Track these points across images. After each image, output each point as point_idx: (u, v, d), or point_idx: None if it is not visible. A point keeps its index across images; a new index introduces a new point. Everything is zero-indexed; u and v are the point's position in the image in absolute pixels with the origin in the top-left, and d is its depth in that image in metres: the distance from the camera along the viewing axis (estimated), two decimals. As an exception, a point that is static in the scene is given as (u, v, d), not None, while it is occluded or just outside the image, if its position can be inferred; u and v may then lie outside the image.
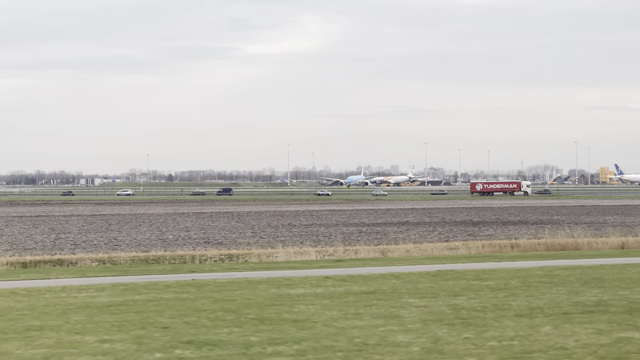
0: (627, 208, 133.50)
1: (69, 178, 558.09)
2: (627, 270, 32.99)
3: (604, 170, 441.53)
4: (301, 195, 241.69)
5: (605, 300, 22.95)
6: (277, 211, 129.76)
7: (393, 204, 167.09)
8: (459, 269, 33.27)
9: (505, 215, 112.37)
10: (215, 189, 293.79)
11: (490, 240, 57.37)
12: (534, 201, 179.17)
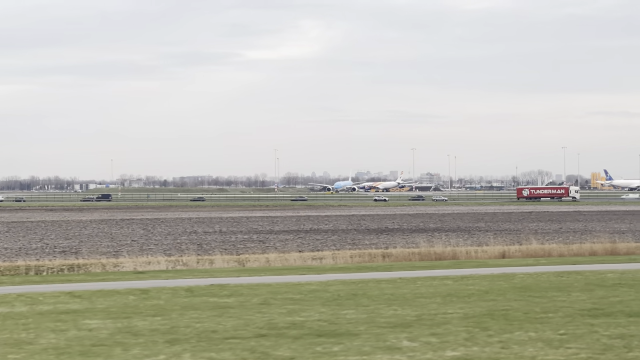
0: (571, 214, 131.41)
1: (63, 184, 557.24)
2: (418, 282, 30.74)
3: (596, 176, 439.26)
4: (278, 201, 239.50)
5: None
6: (215, 218, 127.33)
7: (350, 210, 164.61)
8: (272, 282, 31.27)
9: (430, 223, 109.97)
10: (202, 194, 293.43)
11: (365, 250, 54.93)
12: (505, 207, 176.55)
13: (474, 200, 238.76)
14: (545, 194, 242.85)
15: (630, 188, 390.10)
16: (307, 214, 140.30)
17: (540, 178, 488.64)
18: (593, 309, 23.77)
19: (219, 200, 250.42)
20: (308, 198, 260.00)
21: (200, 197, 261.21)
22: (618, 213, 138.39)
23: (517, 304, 24.68)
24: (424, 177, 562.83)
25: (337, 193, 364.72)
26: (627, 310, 23.24)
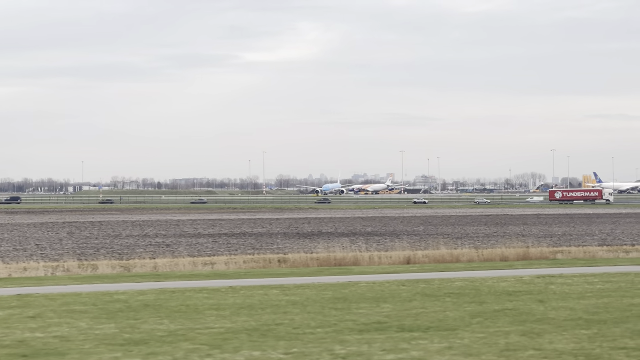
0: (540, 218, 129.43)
1: (56, 186, 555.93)
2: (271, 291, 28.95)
3: (587, 179, 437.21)
4: (250, 203, 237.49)
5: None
6: (159, 220, 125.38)
7: (311, 212, 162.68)
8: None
9: (373, 227, 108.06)
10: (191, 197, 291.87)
11: (264, 255, 53.13)
12: (473, 210, 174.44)
13: (448, 203, 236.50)
14: (578, 197, 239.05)
15: (619, 191, 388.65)
16: (260, 217, 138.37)
17: (532, 181, 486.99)
18: (376, 322, 22.03)
19: (185, 202, 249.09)
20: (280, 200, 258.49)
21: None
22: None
23: (297, 317, 22.90)
24: (419, 179, 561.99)
25: (326, 195, 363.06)
26: (407, 325, 21.48)
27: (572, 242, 73.84)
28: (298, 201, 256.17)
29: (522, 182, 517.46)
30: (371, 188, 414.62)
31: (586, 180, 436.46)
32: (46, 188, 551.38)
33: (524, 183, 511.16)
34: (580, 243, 71.43)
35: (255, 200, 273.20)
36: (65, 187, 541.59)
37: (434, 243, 70.90)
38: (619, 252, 59.53)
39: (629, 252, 59.42)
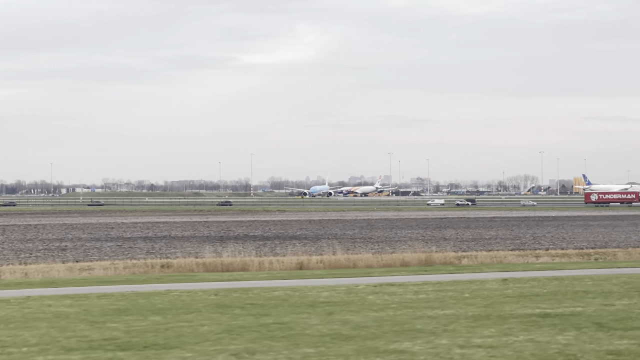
0: (495, 221, 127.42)
1: (50, 188, 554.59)
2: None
3: (578, 181, 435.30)
4: (211, 205, 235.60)
5: None
6: (108, 223, 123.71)
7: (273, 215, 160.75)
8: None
9: (314, 230, 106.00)
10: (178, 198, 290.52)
11: (146, 260, 51.30)
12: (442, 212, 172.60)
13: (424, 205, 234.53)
14: (614, 199, 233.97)
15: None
16: (210, 220, 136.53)
17: (523, 183, 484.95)
18: (107, 338, 20.26)
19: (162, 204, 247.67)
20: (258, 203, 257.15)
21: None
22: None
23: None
24: (414, 181, 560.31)
25: (314, 198, 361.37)
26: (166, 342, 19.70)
27: (504, 246, 71.93)
28: (275, 203, 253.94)
29: (515, 184, 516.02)
30: (360, 190, 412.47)
31: (576, 182, 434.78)
32: (39, 190, 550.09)
33: (516, 185, 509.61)
34: (502, 247, 69.42)
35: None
36: (58, 189, 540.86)
37: (354, 247, 69.17)
38: (530, 256, 57.72)
39: (539, 256, 57.62)
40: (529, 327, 22.02)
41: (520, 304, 26.36)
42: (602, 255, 59.41)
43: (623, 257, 59.53)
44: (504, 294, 29.11)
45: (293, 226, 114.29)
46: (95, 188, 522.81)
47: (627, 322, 22.59)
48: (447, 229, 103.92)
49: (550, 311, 24.87)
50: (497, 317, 23.84)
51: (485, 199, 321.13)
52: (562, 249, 65.87)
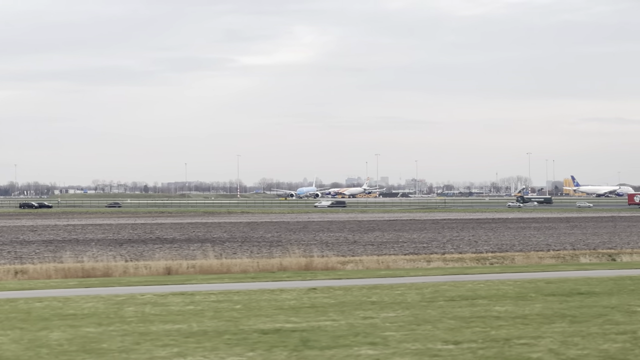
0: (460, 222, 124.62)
1: (43, 189, 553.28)
2: None
3: (568, 182, 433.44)
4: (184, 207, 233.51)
5: None
6: (48, 225, 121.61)
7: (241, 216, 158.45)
8: None
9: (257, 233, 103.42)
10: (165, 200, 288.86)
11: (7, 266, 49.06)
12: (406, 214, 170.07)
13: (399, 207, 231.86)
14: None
15: (597, 195, 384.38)
16: (163, 222, 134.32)
17: (515, 184, 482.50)
18: None
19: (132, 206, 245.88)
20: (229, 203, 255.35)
21: (117, 203, 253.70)
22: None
23: None
24: (409, 182, 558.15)
25: (300, 199, 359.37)
26: None
27: (414, 249, 69.61)
28: (247, 205, 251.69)
29: (508, 185, 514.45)
30: (348, 192, 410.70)
31: (566, 184, 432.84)
32: (32, 192, 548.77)
33: (508, 186, 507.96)
34: (410, 250, 67.09)
35: (194, 204, 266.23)
36: (51, 190, 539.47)
37: (260, 250, 66.98)
38: (422, 261, 55.41)
39: (431, 261, 55.33)
40: (231, 346, 19.87)
41: (271, 318, 24.12)
42: (499, 259, 57.25)
43: (520, 261, 57.35)
44: (276, 306, 26.91)
45: (222, 228, 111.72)
46: (87, 189, 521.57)
47: (339, 340, 20.38)
48: (375, 232, 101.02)
49: (288, 326, 22.66)
50: (215, 333, 21.68)
51: (455, 201, 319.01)
52: (461, 253, 63.43)
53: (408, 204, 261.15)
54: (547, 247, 72.10)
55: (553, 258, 58.85)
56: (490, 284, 33.30)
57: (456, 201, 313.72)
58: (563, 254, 60.39)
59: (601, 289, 30.98)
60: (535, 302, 27.29)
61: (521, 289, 31.13)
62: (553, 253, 61.78)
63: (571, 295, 29.28)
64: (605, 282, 33.24)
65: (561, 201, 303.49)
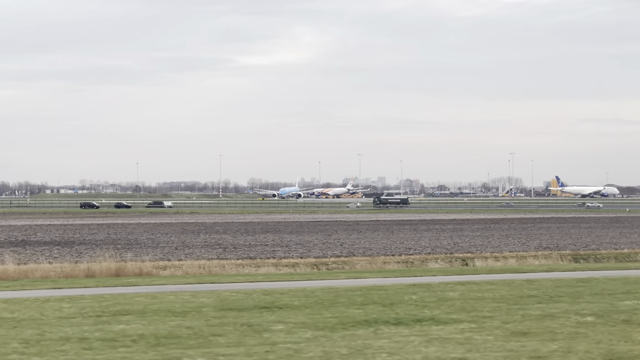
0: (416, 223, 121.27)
1: (34, 189, 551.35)
2: None
3: (554, 183, 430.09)
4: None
5: None
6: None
7: (188, 217, 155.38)
8: None
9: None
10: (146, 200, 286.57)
11: None
12: (352, 215, 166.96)
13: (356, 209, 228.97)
14: None
15: (582, 195, 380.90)
16: (113, 222, 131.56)
17: (506, 185, 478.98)
18: None
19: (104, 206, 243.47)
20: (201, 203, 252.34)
21: (91, 203, 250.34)
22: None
23: None
24: (403, 182, 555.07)
25: (282, 199, 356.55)
26: None
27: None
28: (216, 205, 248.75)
29: (498, 185, 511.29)
30: (332, 192, 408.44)
31: (553, 184, 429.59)
32: (23, 191, 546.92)
33: (498, 187, 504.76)
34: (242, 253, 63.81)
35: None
36: (43, 190, 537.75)
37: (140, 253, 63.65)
38: (251, 266, 52.33)
39: (260, 266, 52.24)
40: None
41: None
42: (340, 265, 54.10)
43: (363, 267, 54.24)
44: None
45: (113, 229, 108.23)
46: (78, 189, 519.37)
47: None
48: (278, 233, 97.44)
49: None
50: None
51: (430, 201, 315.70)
52: (302, 257, 60.15)
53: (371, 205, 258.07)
54: (406, 250, 68.44)
55: (400, 263, 55.74)
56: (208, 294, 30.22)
57: (431, 202, 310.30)
58: (413, 259, 57.20)
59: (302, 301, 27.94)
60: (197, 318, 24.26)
61: (223, 302, 28.07)
62: (404, 257, 58.58)
63: (255, 309, 26.24)
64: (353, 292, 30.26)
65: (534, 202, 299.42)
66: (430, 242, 79.64)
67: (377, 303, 28.12)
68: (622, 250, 65.13)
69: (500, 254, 60.10)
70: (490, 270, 47.72)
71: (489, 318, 23.49)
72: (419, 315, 23.93)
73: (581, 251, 64.04)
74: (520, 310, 24.95)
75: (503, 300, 27.63)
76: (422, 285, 32.82)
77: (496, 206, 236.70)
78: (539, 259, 59.34)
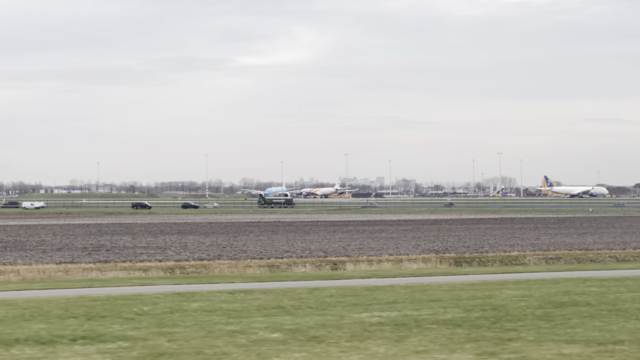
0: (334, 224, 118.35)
1: (28, 189, 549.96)
2: None
3: (544, 182, 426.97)
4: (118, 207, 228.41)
5: None
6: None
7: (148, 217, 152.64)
8: None
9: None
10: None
11: None
12: (309, 216, 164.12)
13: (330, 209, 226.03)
14: None
15: (571, 195, 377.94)
16: (46, 223, 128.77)
17: (498, 185, 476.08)
18: None
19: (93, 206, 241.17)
20: None
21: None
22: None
23: None
24: (399, 182, 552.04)
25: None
26: None
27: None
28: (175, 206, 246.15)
29: (491, 185, 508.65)
30: (320, 192, 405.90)
31: (544, 184, 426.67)
32: (17, 191, 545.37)
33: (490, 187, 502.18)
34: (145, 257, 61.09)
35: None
36: (37, 190, 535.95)
37: None
38: (95, 270, 49.77)
39: (106, 271, 49.68)
40: None
41: None
42: (199, 269, 51.59)
43: (225, 271, 51.71)
44: None
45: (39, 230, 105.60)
46: (71, 189, 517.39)
47: None
48: (190, 235, 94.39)
49: None
50: None
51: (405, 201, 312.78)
52: (160, 260, 57.37)
53: (348, 205, 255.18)
54: (279, 254, 65.12)
55: (264, 267, 53.15)
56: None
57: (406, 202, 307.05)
58: (280, 262, 54.53)
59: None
60: None
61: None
62: (271, 261, 55.91)
63: None
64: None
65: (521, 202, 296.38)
66: (319, 245, 75.05)
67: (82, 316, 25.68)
68: (511, 253, 62.19)
69: (377, 258, 57.30)
70: (350, 276, 45.30)
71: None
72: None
73: (467, 254, 61.08)
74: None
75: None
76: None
77: (442, 206, 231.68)
78: (417, 262, 56.72)
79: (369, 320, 24.37)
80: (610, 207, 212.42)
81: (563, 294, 31.53)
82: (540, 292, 31.97)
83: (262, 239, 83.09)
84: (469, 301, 29.24)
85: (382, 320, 24.29)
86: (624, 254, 62.48)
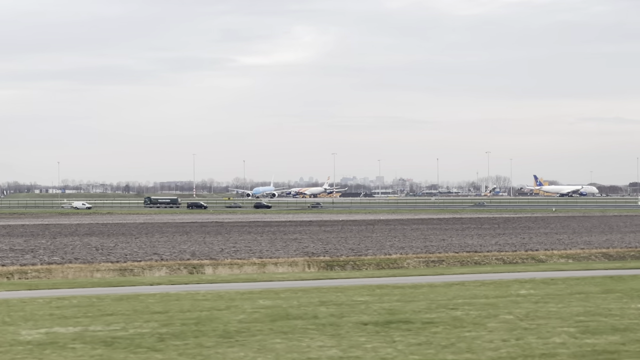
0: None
1: (22, 189, 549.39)
2: None
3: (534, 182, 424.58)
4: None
5: None
6: None
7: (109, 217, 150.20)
8: None
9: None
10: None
11: None
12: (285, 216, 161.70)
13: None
14: None
15: (560, 194, 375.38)
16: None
17: (483, 184, 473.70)
18: None
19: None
20: None
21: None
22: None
23: None
24: (396, 182, 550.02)
25: (257, 199, 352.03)
26: None
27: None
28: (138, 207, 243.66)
29: (486, 185, 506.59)
30: (309, 191, 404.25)
31: (534, 183, 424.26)
32: (12, 191, 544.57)
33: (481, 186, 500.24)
34: None
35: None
36: (32, 189, 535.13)
37: None
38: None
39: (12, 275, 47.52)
40: None
41: None
42: (43, 273, 49.43)
43: (73, 275, 49.43)
44: None
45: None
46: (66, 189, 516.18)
47: None
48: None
49: None
50: None
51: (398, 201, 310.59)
52: (52, 263, 54.67)
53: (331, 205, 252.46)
54: (151, 256, 62.50)
55: (115, 271, 50.96)
56: None
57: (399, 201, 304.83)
58: (134, 266, 52.22)
59: None
60: None
61: None
62: (128, 264, 53.62)
63: None
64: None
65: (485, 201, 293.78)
66: (191, 246, 71.88)
67: None
68: (391, 256, 59.57)
69: (243, 261, 54.90)
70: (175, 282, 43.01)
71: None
72: None
73: (342, 257, 58.45)
74: None
75: None
76: None
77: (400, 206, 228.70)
78: (283, 266, 54.35)
79: None
80: (593, 207, 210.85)
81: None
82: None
83: (143, 241, 79.88)
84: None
85: None
86: (513, 256, 60.01)
